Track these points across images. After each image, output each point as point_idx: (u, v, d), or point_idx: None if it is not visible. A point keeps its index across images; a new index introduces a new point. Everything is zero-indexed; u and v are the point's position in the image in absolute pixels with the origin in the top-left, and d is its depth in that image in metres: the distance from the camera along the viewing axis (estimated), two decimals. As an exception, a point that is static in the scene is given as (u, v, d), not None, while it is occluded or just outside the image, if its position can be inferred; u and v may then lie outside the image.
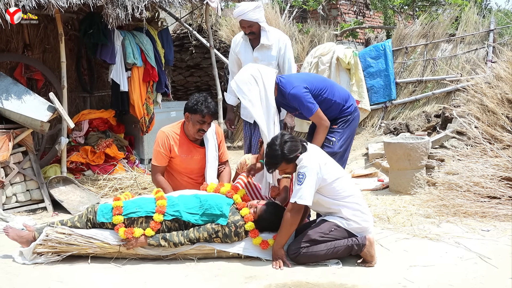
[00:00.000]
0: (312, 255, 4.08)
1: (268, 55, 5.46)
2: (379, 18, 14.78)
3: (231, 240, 4.19)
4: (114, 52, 7.30)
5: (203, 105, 4.78)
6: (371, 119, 9.79)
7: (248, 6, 5.30)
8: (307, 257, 4.09)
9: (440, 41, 9.68)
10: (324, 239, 4.08)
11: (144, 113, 7.71)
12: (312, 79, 4.83)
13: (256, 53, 5.46)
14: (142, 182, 7.01)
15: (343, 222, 4.12)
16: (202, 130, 4.86)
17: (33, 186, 6.14)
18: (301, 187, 3.98)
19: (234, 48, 5.62)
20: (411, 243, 4.59)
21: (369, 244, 4.06)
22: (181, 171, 5.06)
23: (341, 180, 4.15)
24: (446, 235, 4.71)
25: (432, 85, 9.50)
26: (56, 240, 4.18)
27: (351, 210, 4.12)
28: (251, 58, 5.46)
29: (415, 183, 6.28)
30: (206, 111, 4.78)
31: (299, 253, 4.08)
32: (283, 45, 5.48)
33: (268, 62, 5.41)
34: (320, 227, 4.13)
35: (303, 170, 4.00)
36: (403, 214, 5.44)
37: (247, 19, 5.29)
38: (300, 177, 4.00)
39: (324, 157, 4.20)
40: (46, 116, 5.97)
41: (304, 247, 4.07)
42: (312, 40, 10.81)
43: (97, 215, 4.25)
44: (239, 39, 5.62)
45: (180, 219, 4.23)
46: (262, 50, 5.45)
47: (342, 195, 4.12)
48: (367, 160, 8.17)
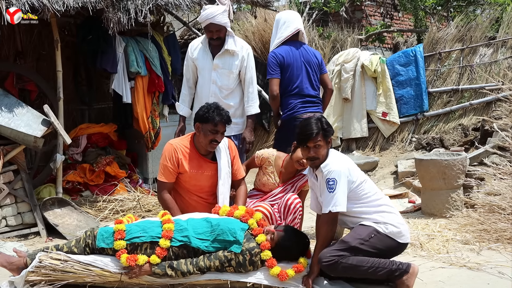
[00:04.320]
0: (350, 268, 4.03)
1: (231, 63, 5.65)
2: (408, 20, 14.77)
3: (246, 269, 4.18)
4: (115, 60, 7.36)
5: (214, 113, 4.81)
6: (401, 133, 9.76)
7: (217, 9, 5.52)
8: (344, 269, 4.05)
9: (478, 45, 9.65)
10: (364, 246, 4.08)
11: (149, 128, 7.75)
12: None
13: (218, 60, 5.63)
14: (146, 204, 7.03)
15: (381, 227, 4.14)
16: (215, 141, 4.87)
17: (25, 208, 6.17)
18: (334, 194, 4.07)
19: (192, 54, 5.78)
20: (448, 272, 4.54)
21: (411, 273, 4.07)
22: (190, 189, 5.06)
23: (368, 183, 4.26)
24: (488, 264, 4.66)
25: (469, 95, 9.46)
26: (50, 267, 4.18)
27: (385, 213, 4.19)
28: (210, 65, 5.66)
29: (451, 204, 6.24)
30: (218, 119, 4.80)
31: (336, 262, 4.02)
32: (246, 54, 5.72)
33: (229, 70, 5.65)
34: (358, 233, 4.13)
35: (332, 176, 4.09)
36: (438, 239, 5.39)
37: (216, 23, 5.49)
38: (331, 183, 4.09)
39: (348, 159, 4.33)
40: (40, 131, 6.02)
41: (343, 256, 4.03)
42: (334, 46, 10.84)
43: (96, 240, 4.26)
44: (197, 44, 5.80)
45: (189, 245, 4.22)
46: (224, 56, 5.64)
47: (372, 198, 4.21)
48: (396, 179, 8.13)
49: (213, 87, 5.65)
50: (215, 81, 5.65)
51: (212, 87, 5.65)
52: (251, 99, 5.76)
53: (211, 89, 5.65)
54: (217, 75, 5.64)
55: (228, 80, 5.66)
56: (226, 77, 5.65)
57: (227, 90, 5.67)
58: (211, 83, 5.66)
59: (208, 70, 5.67)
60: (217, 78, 5.64)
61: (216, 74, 5.65)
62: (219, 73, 5.64)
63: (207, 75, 5.69)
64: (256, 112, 5.81)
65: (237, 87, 5.75)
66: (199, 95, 5.80)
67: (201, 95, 5.75)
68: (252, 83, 5.76)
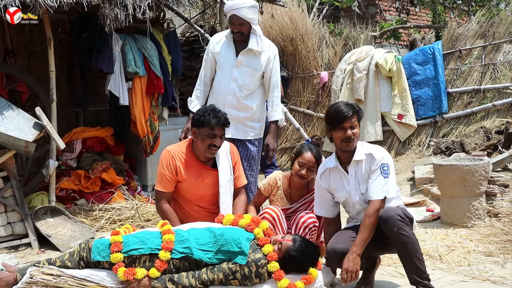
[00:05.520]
0: (407, 238, 4.07)
1: (256, 62, 5.62)
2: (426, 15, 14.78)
3: (252, 282, 4.16)
4: (112, 59, 7.38)
5: (210, 115, 4.80)
6: (418, 137, 9.75)
7: (245, 2, 5.45)
8: (400, 234, 4.07)
9: (502, 41, 9.64)
10: None
11: (147, 131, 7.77)
12: None
13: (242, 57, 5.60)
14: (145, 213, 7.03)
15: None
16: (214, 146, 4.86)
17: (16, 218, 6.18)
18: (388, 179, 4.26)
19: (213, 48, 5.75)
20: (470, 287, 4.52)
21: None
22: (190, 199, 5.06)
23: None
24: (513, 277, 4.63)
25: (492, 95, 9.44)
26: (42, 283, 4.16)
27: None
28: (233, 61, 5.62)
29: (473, 213, 6.22)
30: (215, 122, 4.79)
31: (406, 223, 4.11)
32: (273, 55, 5.71)
33: (254, 69, 5.62)
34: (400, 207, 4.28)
35: (386, 161, 4.30)
36: (458, 251, 5.37)
37: (240, 16, 5.44)
38: (386, 169, 4.28)
39: None
40: (32, 135, 6.03)
41: (407, 223, 4.11)
42: (346, 43, 10.85)
43: (91, 253, 4.25)
44: (220, 38, 5.77)
45: (191, 257, 4.22)
46: (249, 54, 5.60)
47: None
48: (413, 186, 8.12)
49: (233, 85, 5.61)
50: (236, 79, 5.60)
51: (232, 85, 5.61)
52: (276, 104, 5.74)
53: (230, 87, 5.61)
54: (239, 73, 5.60)
55: (250, 80, 5.63)
56: (249, 76, 5.62)
57: (247, 90, 5.64)
58: (231, 80, 5.61)
59: (229, 66, 5.62)
60: (239, 76, 5.60)
61: (238, 71, 5.60)
62: (241, 71, 5.60)
63: (227, 72, 5.64)
64: (279, 118, 5.81)
65: (258, 88, 5.72)
66: (215, 92, 5.75)
67: (218, 92, 5.71)
68: (277, 86, 5.73)
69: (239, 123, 5.62)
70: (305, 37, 10.55)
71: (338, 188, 4.44)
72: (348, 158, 4.37)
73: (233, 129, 5.57)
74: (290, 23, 10.64)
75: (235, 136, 5.60)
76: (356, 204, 4.39)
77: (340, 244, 4.19)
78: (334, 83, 10.21)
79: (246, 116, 5.65)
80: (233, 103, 5.61)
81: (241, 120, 5.63)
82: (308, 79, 10.65)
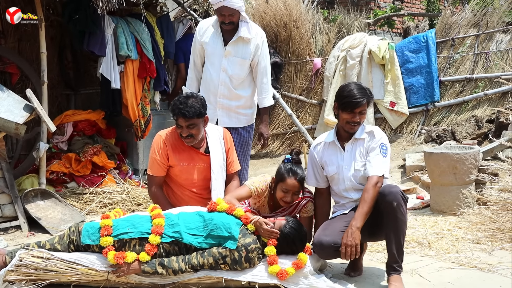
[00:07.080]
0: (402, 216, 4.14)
1: (244, 51, 5.60)
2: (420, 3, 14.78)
3: (241, 267, 4.18)
4: (104, 42, 7.34)
5: (175, 106, 4.74)
6: (409, 125, 9.78)
7: None
8: (397, 214, 4.12)
9: (495, 31, 9.66)
10: None
11: (139, 115, 7.75)
12: None
13: (230, 47, 5.58)
14: (136, 197, 7.04)
15: None
16: (184, 136, 4.81)
17: (5, 200, 6.16)
18: (385, 159, 4.37)
19: (200, 37, 5.71)
20: (457, 273, 4.55)
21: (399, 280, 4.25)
22: (182, 183, 5.06)
23: None
24: (500, 265, 4.66)
25: (484, 84, 9.47)
26: (31, 266, 4.17)
27: None
28: (221, 51, 5.61)
29: (462, 201, 6.25)
30: (177, 112, 4.72)
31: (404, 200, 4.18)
32: (261, 41, 5.68)
33: (243, 58, 5.60)
34: None
35: (385, 142, 4.44)
36: (447, 238, 5.40)
37: (230, 6, 5.40)
38: (384, 148, 4.40)
39: None
40: (22, 117, 6.00)
41: (405, 202, 4.20)
42: (340, 30, 10.83)
43: (81, 236, 4.25)
44: (207, 26, 5.72)
45: (181, 242, 4.23)
46: (237, 44, 5.58)
47: None
48: (404, 174, 8.14)
49: (223, 75, 5.61)
50: (225, 69, 5.61)
51: (222, 75, 5.61)
52: (264, 90, 5.76)
53: (221, 78, 5.62)
54: (228, 63, 5.60)
55: (240, 69, 5.63)
56: (238, 66, 5.62)
57: (238, 79, 5.65)
58: (221, 70, 5.61)
59: (218, 56, 5.61)
60: (228, 66, 5.60)
61: (227, 61, 5.60)
62: (230, 61, 5.60)
63: (217, 62, 5.64)
64: (270, 104, 5.82)
65: (248, 76, 5.73)
66: (206, 81, 5.75)
67: (209, 82, 5.71)
68: (266, 73, 5.73)
69: (232, 112, 5.63)
70: (298, 23, 10.52)
71: (330, 162, 4.50)
72: (348, 135, 4.45)
73: (226, 118, 5.60)
74: (284, 8, 10.60)
75: (229, 125, 5.60)
76: (346, 180, 4.43)
77: (327, 237, 4.17)
78: (327, 69, 10.21)
79: (238, 105, 5.66)
80: (225, 93, 5.63)
81: (234, 108, 5.64)
82: (301, 65, 10.64)
